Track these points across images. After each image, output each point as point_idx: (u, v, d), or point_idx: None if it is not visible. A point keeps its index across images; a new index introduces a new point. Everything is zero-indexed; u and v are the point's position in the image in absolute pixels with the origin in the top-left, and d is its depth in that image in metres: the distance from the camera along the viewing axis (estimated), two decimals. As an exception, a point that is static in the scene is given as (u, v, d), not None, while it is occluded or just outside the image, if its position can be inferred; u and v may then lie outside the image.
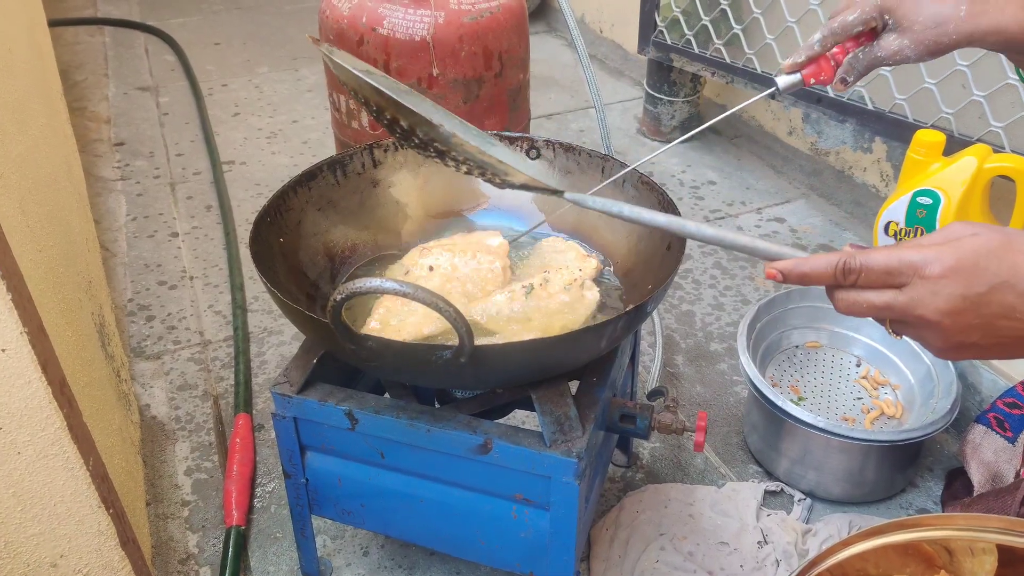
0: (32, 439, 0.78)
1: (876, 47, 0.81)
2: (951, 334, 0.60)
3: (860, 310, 0.63)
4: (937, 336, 0.60)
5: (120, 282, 1.78)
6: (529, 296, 0.94)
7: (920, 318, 0.60)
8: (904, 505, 1.25)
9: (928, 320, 0.60)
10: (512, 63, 1.47)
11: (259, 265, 0.87)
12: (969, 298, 0.59)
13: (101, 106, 2.60)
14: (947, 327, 0.60)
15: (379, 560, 1.16)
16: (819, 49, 0.82)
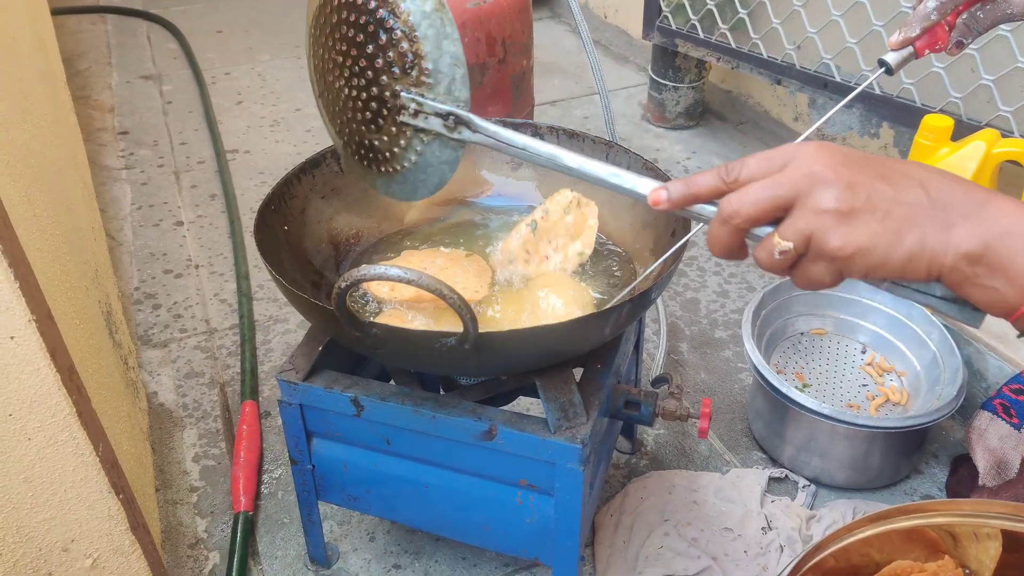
0: (42, 425, 0.78)
1: (1002, 2, 0.74)
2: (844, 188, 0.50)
3: (747, 204, 0.53)
4: (829, 193, 0.50)
5: (126, 271, 1.78)
6: (536, 232, 0.95)
7: (809, 177, 0.51)
8: (909, 491, 1.26)
9: (817, 174, 0.51)
10: (515, 49, 1.46)
11: (264, 253, 0.87)
12: (855, 155, 0.52)
13: (104, 95, 2.60)
14: (839, 178, 0.51)
15: (385, 545, 1.17)
16: (936, 18, 0.74)
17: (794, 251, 0.52)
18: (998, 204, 0.50)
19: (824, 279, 0.53)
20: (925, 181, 0.51)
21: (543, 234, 0.96)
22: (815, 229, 0.51)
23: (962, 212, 0.50)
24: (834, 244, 0.50)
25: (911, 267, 0.50)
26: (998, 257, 0.48)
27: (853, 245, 0.50)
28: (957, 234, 0.49)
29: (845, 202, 0.50)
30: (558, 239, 0.97)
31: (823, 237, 0.50)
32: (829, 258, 0.51)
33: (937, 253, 0.49)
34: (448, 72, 0.66)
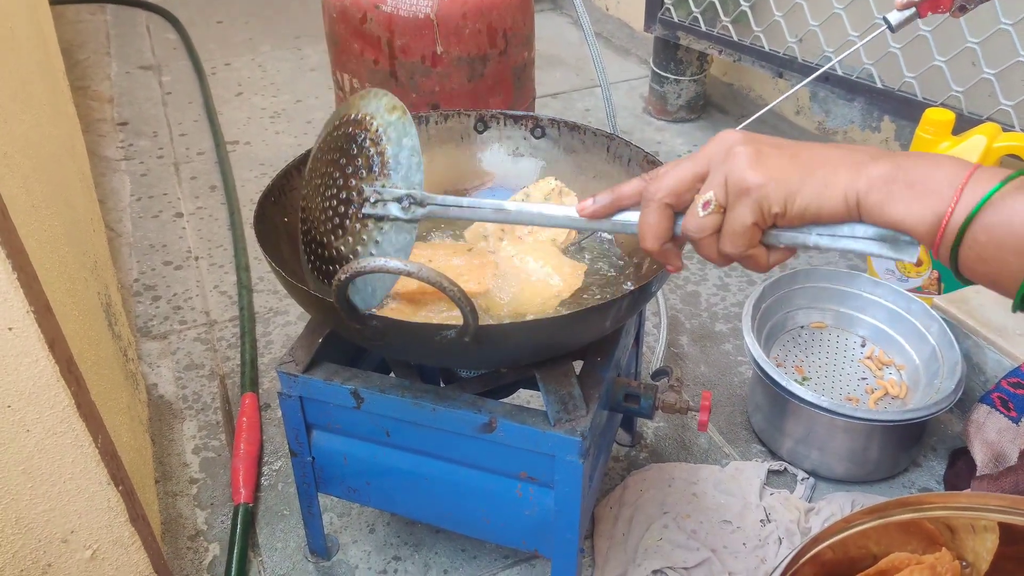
0: (41, 417, 0.78)
1: None
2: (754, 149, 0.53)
3: (667, 178, 0.56)
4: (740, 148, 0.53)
5: (126, 262, 1.78)
6: None
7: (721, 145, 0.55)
8: (907, 484, 1.26)
9: (728, 142, 0.54)
10: (517, 41, 1.46)
11: (264, 245, 0.87)
12: (768, 137, 0.56)
13: (103, 85, 2.59)
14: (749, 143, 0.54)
15: (385, 537, 1.17)
16: None
17: (715, 201, 0.54)
18: (903, 154, 0.51)
19: (746, 221, 0.53)
20: (834, 144, 0.54)
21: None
22: (729, 171, 0.53)
23: (871, 156, 0.51)
24: (749, 174, 0.52)
25: (827, 196, 0.51)
26: (912, 174, 0.49)
27: (767, 174, 0.52)
28: (868, 167, 0.50)
29: (755, 151, 0.53)
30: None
31: (739, 174, 0.52)
32: (746, 191, 0.52)
33: (851, 180, 0.50)
34: (406, 162, 0.73)
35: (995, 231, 0.46)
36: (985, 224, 0.46)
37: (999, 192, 0.46)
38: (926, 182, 0.48)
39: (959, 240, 0.47)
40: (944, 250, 0.48)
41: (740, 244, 0.54)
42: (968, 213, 0.46)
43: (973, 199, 0.46)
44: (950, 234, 0.47)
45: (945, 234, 0.48)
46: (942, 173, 0.48)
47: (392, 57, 1.38)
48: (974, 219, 0.46)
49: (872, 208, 0.50)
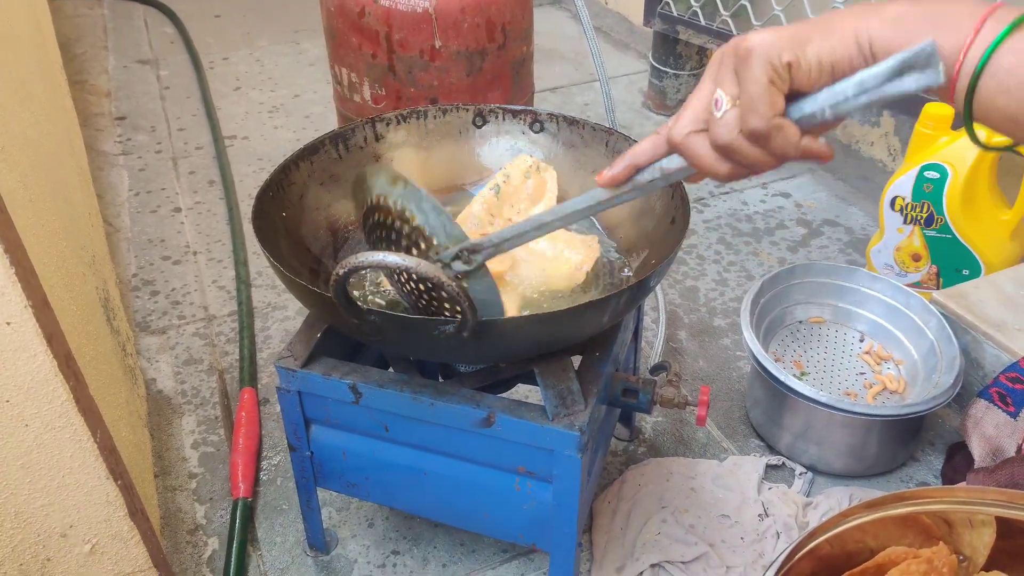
0: (39, 412, 0.78)
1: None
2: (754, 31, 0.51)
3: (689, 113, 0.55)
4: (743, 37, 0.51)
5: (124, 257, 1.78)
6: (499, 195, 0.99)
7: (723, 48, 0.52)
8: (905, 478, 1.26)
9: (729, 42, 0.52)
10: (515, 35, 1.46)
11: (262, 240, 0.87)
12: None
13: (101, 79, 2.59)
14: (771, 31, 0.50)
15: (384, 531, 1.18)
16: None
17: (727, 95, 0.51)
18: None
19: (761, 80, 0.49)
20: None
21: (505, 198, 0.99)
22: (733, 53, 0.50)
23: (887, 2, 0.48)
24: (752, 37, 0.49)
25: (839, 39, 0.48)
26: (928, 8, 0.46)
27: (771, 33, 0.49)
28: (881, 9, 0.48)
29: (755, 31, 0.50)
30: (519, 203, 0.99)
31: (742, 44, 0.50)
32: (751, 52, 0.49)
33: (861, 21, 0.48)
34: (437, 221, 0.75)
35: (1020, 60, 0.44)
36: (1011, 48, 0.44)
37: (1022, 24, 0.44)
38: (943, 17, 0.45)
39: (979, 72, 0.45)
40: (962, 84, 0.46)
41: (763, 112, 0.49)
42: (990, 44, 0.44)
43: (994, 31, 0.44)
44: (969, 66, 0.45)
45: (963, 66, 0.45)
46: (962, 7, 0.46)
47: (390, 51, 1.38)
48: (996, 49, 0.44)
49: (887, 46, 0.47)
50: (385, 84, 1.42)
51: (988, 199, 1.37)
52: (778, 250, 1.77)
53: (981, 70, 0.45)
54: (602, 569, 1.09)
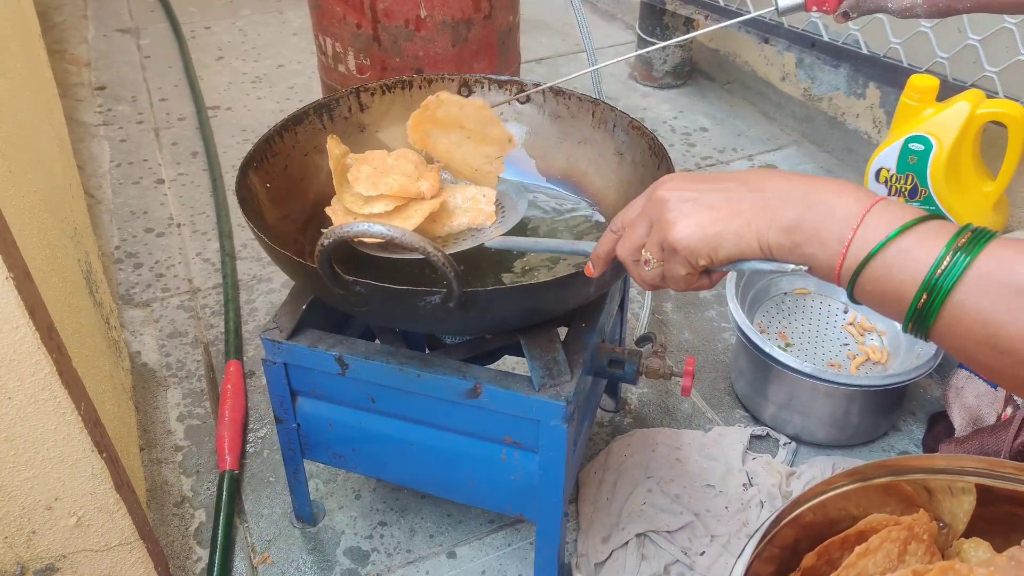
0: (22, 384, 0.78)
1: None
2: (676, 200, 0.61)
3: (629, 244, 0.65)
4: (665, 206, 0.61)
5: (106, 229, 1.76)
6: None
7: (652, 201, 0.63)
8: (887, 448, 1.28)
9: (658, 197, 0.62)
10: (501, 4, 1.44)
11: (246, 211, 0.86)
12: (696, 175, 0.63)
13: (81, 49, 2.54)
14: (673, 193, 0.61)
15: (371, 503, 1.18)
16: None
17: (655, 260, 0.63)
18: (808, 184, 0.57)
19: (681, 273, 0.61)
20: (747, 179, 0.60)
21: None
22: (658, 235, 0.61)
23: (779, 196, 0.57)
24: (675, 237, 0.60)
25: (745, 245, 0.58)
26: (810, 226, 0.55)
27: (688, 234, 0.59)
28: (777, 214, 0.57)
29: (679, 207, 0.60)
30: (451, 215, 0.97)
31: (667, 237, 0.60)
32: (676, 250, 0.60)
33: (762, 230, 0.57)
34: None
35: (877, 283, 0.53)
36: (869, 277, 0.53)
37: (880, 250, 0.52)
38: (822, 233, 0.54)
39: (852, 286, 0.55)
40: (845, 273, 0.55)
41: (682, 286, 0.64)
42: (854, 267, 0.53)
43: (858, 254, 0.53)
44: (843, 281, 0.55)
45: (840, 280, 0.55)
46: (835, 223, 0.54)
47: (375, 21, 1.36)
48: (860, 272, 0.53)
49: (782, 257, 0.58)
50: (370, 54, 1.40)
51: (972, 171, 1.38)
52: (764, 222, 1.78)
53: (852, 287, 0.55)
54: (588, 539, 1.10)
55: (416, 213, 0.90)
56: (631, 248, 0.65)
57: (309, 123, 1.02)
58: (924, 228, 0.52)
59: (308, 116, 1.02)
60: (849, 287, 0.55)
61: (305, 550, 1.12)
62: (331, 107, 1.04)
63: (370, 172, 0.92)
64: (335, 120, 1.04)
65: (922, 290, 0.50)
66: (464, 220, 0.94)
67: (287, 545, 1.13)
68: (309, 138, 1.02)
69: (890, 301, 0.53)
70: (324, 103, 1.03)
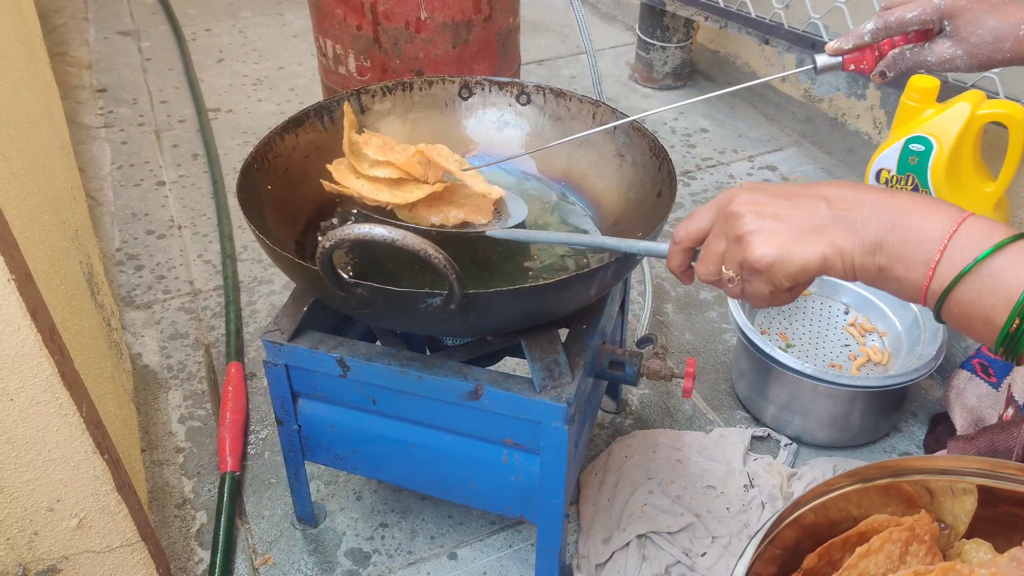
0: (24, 386, 0.78)
1: (927, 50, 0.79)
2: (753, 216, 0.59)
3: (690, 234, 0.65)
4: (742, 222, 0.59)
5: (108, 231, 1.76)
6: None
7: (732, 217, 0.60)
8: (888, 449, 1.28)
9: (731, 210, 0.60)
10: (501, 6, 1.44)
11: (247, 213, 0.86)
12: (767, 187, 0.61)
13: (82, 51, 2.54)
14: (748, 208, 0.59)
15: (372, 504, 1.18)
16: (869, 40, 0.80)
17: (737, 277, 0.61)
18: (892, 203, 0.55)
19: (764, 292, 0.60)
20: (827, 196, 0.58)
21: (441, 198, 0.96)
22: (739, 254, 0.60)
23: (862, 215, 0.56)
24: (755, 256, 0.58)
25: (829, 266, 0.57)
26: (893, 248, 0.54)
27: (772, 253, 0.57)
28: (859, 235, 0.55)
29: (757, 223, 0.58)
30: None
31: (748, 256, 0.58)
32: (757, 270, 0.59)
33: (846, 251, 0.56)
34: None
35: (965, 307, 0.52)
36: (956, 300, 0.52)
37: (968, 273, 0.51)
38: (907, 255, 0.53)
39: (939, 308, 0.54)
40: (932, 306, 0.54)
41: (764, 304, 0.63)
42: (941, 291, 0.52)
43: (944, 277, 0.52)
44: (930, 303, 0.54)
45: (927, 302, 0.54)
46: (921, 244, 0.53)
47: (375, 23, 1.36)
48: (947, 297, 0.52)
49: (868, 281, 0.57)
50: (370, 56, 1.41)
51: (972, 172, 1.38)
52: (765, 224, 1.78)
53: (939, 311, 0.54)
54: (589, 540, 1.10)
55: (416, 190, 0.91)
56: (712, 269, 0.63)
57: (310, 125, 1.02)
58: (1016, 248, 0.50)
59: (309, 118, 1.02)
60: (936, 309, 0.53)
61: (306, 551, 1.12)
62: (332, 109, 1.04)
63: (380, 144, 0.94)
64: (335, 122, 1.05)
65: (1014, 314, 0.49)
66: (460, 214, 0.94)
67: (288, 546, 1.13)
68: (310, 140, 1.02)
69: (978, 324, 0.51)
70: (325, 105, 1.03)
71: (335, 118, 1.04)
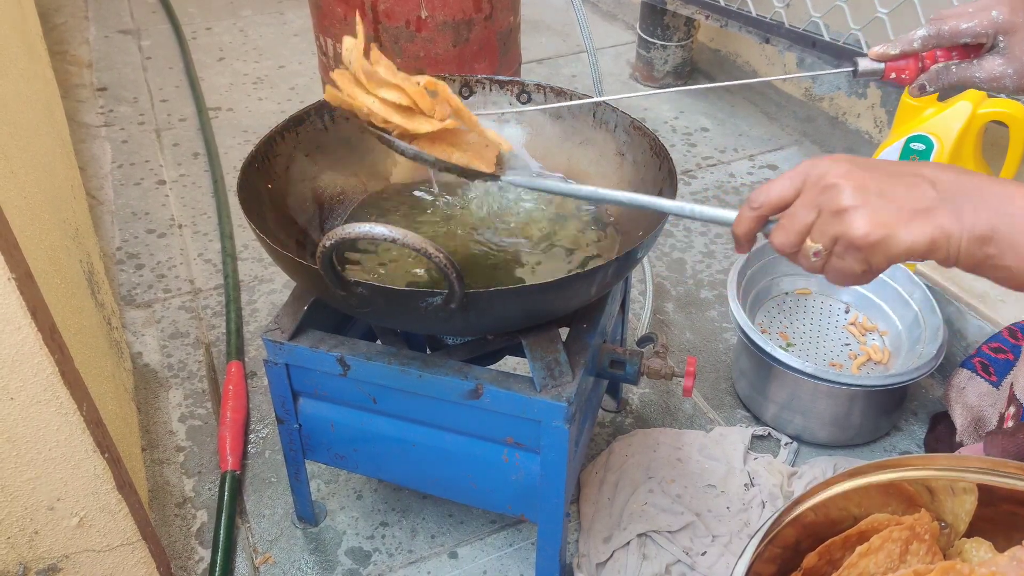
0: (24, 385, 0.78)
1: (975, 67, 0.76)
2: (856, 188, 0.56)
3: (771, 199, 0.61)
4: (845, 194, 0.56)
5: (108, 230, 1.76)
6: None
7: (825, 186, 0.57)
8: (888, 448, 1.28)
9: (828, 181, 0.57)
10: (502, 5, 1.44)
11: (248, 212, 0.86)
12: (862, 161, 0.58)
13: (82, 50, 2.54)
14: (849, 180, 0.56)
15: (373, 503, 1.18)
16: (918, 47, 0.77)
17: (825, 251, 0.58)
18: (1001, 190, 0.54)
19: (855, 270, 0.58)
20: (932, 178, 0.56)
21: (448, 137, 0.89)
22: (839, 228, 0.56)
23: (971, 201, 0.54)
24: (860, 233, 0.55)
25: (935, 249, 0.55)
26: (1006, 237, 0.52)
27: (878, 232, 0.55)
28: (968, 220, 0.54)
29: (860, 198, 0.55)
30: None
31: (849, 232, 0.55)
32: (857, 248, 0.56)
33: (953, 236, 0.54)
34: None
35: None
36: None
37: None
38: (1017, 245, 0.52)
39: None
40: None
41: (844, 283, 0.60)
42: None
43: None
44: None
45: None
46: None
47: (376, 22, 1.36)
48: None
49: (969, 268, 0.55)
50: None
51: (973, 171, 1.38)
52: (765, 222, 1.77)
53: None
54: (590, 539, 1.10)
55: (425, 123, 0.85)
56: (792, 239, 0.60)
57: (310, 124, 1.02)
58: None
59: (309, 117, 1.02)
60: None
61: (307, 550, 1.12)
62: (332, 108, 1.04)
63: (389, 66, 0.87)
64: (336, 121, 1.05)
65: None
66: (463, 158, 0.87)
67: (289, 545, 1.13)
68: (310, 139, 1.02)
69: None
70: (325, 104, 1.03)
71: (335, 117, 1.04)
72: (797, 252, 0.60)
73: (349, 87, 0.84)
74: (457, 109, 0.87)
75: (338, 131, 1.05)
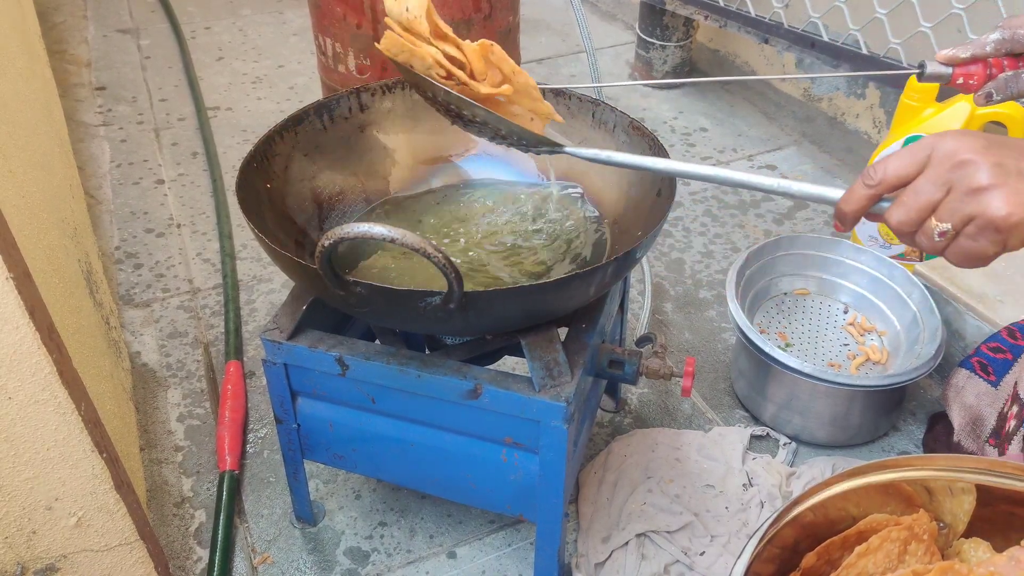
0: (22, 384, 0.78)
1: None
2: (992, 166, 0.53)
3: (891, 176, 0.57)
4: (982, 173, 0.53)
5: (107, 230, 1.76)
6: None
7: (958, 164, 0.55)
8: (887, 448, 1.28)
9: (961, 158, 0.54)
10: (501, 4, 1.44)
11: (246, 212, 0.86)
12: (992, 138, 0.56)
13: (81, 49, 2.54)
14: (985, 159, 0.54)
15: (371, 503, 1.18)
16: (990, 51, 0.74)
17: (953, 231, 0.55)
18: None
19: (987, 252, 0.55)
20: None
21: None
22: (975, 208, 0.54)
23: None
24: (1001, 214, 0.53)
25: None
26: None
27: (1021, 213, 0.52)
28: None
29: (999, 177, 0.53)
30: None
31: (987, 211, 0.53)
32: (996, 229, 0.53)
33: None
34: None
35: None
36: None
37: None
38: None
39: None
40: None
41: (970, 265, 0.57)
42: None
43: None
44: None
45: None
46: None
47: (375, 21, 1.36)
48: None
49: None
50: (370, 55, 1.41)
51: None
52: (764, 222, 1.78)
53: None
54: (588, 539, 1.10)
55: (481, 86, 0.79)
56: (914, 217, 0.57)
57: (309, 123, 1.02)
58: None
59: (308, 116, 1.02)
60: None
61: (305, 550, 1.12)
62: (331, 107, 1.04)
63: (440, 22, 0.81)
64: (335, 120, 1.05)
65: None
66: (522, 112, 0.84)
67: (287, 545, 1.13)
68: (310, 138, 1.02)
69: None
70: (324, 103, 1.03)
71: (335, 116, 1.04)
72: (916, 231, 0.57)
73: (408, 37, 0.77)
74: (513, 72, 0.80)
75: (337, 131, 1.05)
